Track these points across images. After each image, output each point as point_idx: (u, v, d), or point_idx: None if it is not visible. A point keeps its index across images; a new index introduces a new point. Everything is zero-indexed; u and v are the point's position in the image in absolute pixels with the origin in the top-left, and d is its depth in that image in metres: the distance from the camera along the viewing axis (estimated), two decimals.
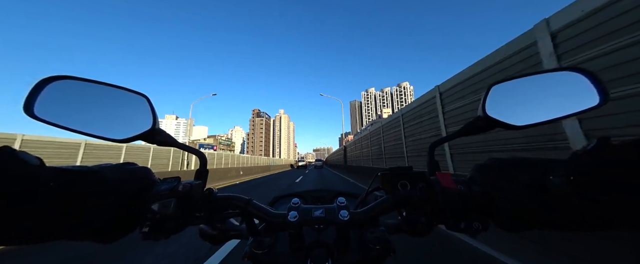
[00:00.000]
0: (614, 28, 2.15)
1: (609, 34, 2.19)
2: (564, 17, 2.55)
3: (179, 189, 0.34)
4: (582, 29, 2.39)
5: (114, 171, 0.33)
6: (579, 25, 2.42)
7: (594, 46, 2.31)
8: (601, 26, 2.25)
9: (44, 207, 0.25)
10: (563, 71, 0.38)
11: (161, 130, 0.40)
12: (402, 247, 2.02)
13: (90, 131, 0.35)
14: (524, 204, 0.30)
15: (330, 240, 0.41)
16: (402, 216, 0.44)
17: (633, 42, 2.01)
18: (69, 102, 0.35)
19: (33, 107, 0.31)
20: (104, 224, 0.30)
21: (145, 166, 0.38)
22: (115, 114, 0.38)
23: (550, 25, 2.70)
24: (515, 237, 2.44)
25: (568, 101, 0.37)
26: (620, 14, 2.10)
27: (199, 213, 0.37)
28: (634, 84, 2.01)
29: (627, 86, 2.05)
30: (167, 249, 2.55)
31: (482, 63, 3.88)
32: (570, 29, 2.50)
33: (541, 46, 2.81)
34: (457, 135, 0.42)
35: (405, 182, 0.42)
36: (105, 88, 0.37)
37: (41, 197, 0.25)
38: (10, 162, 0.23)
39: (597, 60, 2.28)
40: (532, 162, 0.32)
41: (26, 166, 0.24)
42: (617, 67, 2.13)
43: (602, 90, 0.35)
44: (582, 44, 2.40)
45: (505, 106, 0.39)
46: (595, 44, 2.29)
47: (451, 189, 0.34)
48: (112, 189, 0.31)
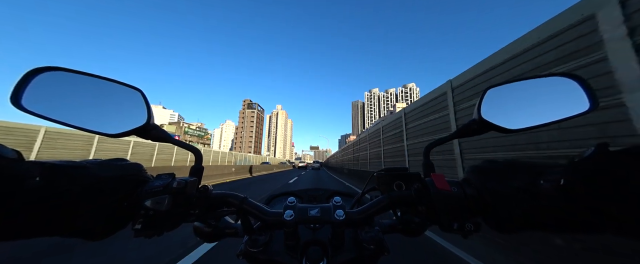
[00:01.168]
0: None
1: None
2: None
3: (173, 186, 0.34)
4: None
5: (103, 166, 0.33)
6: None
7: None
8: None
9: (29, 203, 0.25)
10: (556, 77, 0.39)
11: (156, 125, 0.40)
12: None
13: (82, 125, 0.34)
14: (515, 207, 0.31)
15: (325, 239, 0.41)
16: (396, 216, 0.45)
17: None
18: (60, 95, 0.34)
19: (21, 98, 0.30)
20: (94, 220, 0.30)
21: (136, 162, 0.37)
22: (108, 108, 0.37)
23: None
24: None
25: (560, 106, 0.38)
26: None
27: (194, 210, 0.37)
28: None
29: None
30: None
31: (520, 44, 2.82)
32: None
33: (603, 20, 1.92)
34: (452, 137, 0.43)
35: (400, 182, 0.43)
36: (99, 81, 0.37)
37: (25, 192, 0.24)
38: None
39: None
40: (526, 166, 0.33)
41: (2, 161, 0.23)
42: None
43: (592, 96, 0.36)
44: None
45: (501, 109, 0.39)
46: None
47: (445, 190, 0.35)
48: (102, 185, 0.31)
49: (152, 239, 0.32)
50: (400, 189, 0.42)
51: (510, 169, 0.34)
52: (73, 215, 0.28)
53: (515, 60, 2.94)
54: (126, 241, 2.48)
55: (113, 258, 2.29)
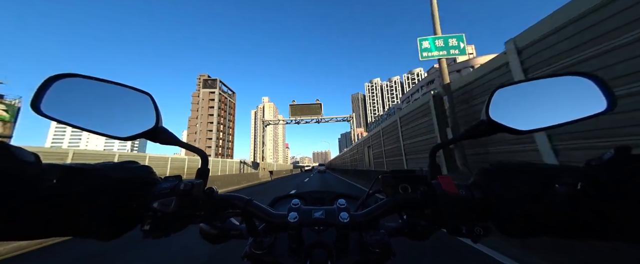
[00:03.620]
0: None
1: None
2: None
3: (180, 188, 0.34)
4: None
5: (115, 169, 0.34)
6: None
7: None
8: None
9: (46, 203, 0.26)
10: (569, 76, 0.38)
11: (164, 129, 0.41)
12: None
13: (95, 129, 0.35)
14: (526, 211, 0.30)
15: (330, 242, 0.40)
16: (402, 219, 0.44)
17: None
18: (75, 100, 0.35)
19: (40, 104, 0.32)
20: (105, 221, 0.31)
21: (146, 165, 0.38)
22: (119, 112, 0.39)
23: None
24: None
25: (574, 106, 0.37)
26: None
27: (200, 212, 0.37)
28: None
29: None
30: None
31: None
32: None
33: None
34: (459, 139, 0.42)
35: (406, 185, 0.42)
36: (111, 86, 0.38)
37: (43, 193, 0.25)
38: (6, 159, 0.24)
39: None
40: (537, 169, 0.32)
41: (22, 164, 0.25)
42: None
43: (610, 96, 0.34)
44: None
45: (510, 110, 0.38)
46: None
47: (452, 193, 0.34)
48: (114, 187, 0.32)
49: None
50: (406, 192, 0.41)
51: (522, 172, 0.33)
52: (86, 215, 0.29)
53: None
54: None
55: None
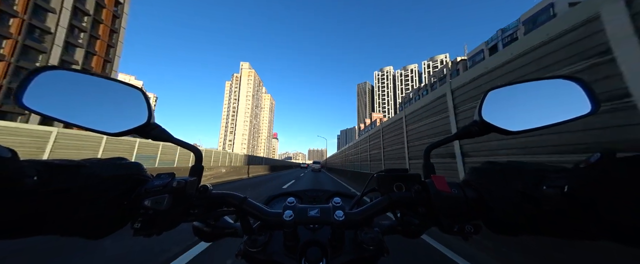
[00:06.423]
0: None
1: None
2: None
3: (173, 185, 0.34)
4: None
5: (103, 165, 0.33)
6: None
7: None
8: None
9: (26, 202, 0.25)
10: (558, 79, 0.39)
11: (157, 125, 0.40)
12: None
13: (82, 123, 0.34)
14: (516, 211, 0.31)
15: (324, 240, 0.41)
16: (396, 218, 0.45)
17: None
18: (61, 94, 0.34)
19: (22, 97, 0.31)
20: (93, 219, 0.30)
21: (136, 162, 0.38)
22: (109, 107, 0.38)
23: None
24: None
25: (562, 108, 0.38)
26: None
27: (193, 210, 0.37)
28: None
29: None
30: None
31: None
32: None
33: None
34: (453, 139, 0.43)
35: (400, 184, 0.43)
36: (99, 80, 0.37)
37: (22, 191, 0.24)
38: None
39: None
40: (528, 169, 0.33)
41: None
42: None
43: (594, 99, 0.36)
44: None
45: (501, 111, 0.39)
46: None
47: (445, 192, 0.35)
48: (101, 184, 0.31)
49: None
50: (400, 191, 0.42)
51: (512, 172, 0.34)
52: (71, 214, 0.28)
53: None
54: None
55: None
